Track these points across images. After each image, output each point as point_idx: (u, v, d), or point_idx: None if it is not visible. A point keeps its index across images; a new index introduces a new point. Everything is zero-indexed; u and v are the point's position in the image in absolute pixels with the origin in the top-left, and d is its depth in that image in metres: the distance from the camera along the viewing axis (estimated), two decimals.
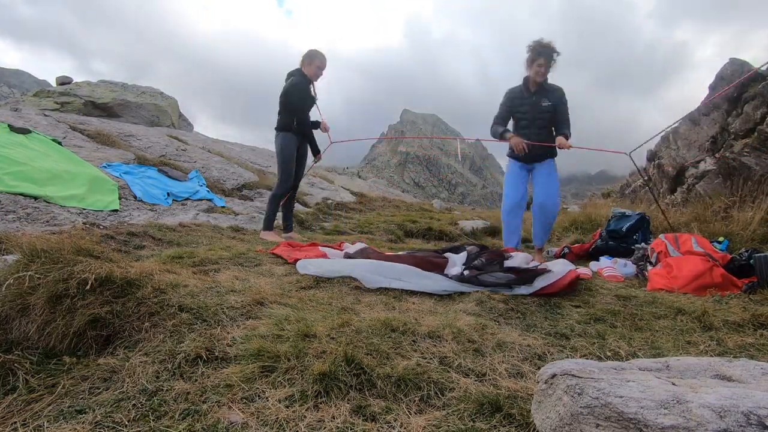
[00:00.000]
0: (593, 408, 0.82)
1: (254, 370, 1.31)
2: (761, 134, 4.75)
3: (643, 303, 2.33)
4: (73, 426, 1.07)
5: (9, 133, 4.74)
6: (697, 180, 5.75)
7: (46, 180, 4.05)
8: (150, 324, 1.57)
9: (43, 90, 12.43)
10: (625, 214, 4.35)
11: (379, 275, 2.45)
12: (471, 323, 1.81)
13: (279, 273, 2.66)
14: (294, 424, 1.08)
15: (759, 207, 4.09)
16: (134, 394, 1.20)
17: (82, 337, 1.49)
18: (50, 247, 1.72)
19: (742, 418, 0.73)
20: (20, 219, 3.24)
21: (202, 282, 2.11)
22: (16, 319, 1.51)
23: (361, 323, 1.70)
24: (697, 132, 6.12)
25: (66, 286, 1.56)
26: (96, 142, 6.93)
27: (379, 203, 9.48)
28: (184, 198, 5.52)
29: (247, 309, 1.83)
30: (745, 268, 2.91)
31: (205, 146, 9.65)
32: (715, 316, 2.03)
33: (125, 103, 12.38)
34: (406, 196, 14.22)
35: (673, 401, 0.79)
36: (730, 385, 0.89)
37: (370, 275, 2.44)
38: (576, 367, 0.96)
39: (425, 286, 2.39)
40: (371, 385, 1.26)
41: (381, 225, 5.97)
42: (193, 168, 7.09)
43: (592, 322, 1.98)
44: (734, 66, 5.73)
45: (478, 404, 1.18)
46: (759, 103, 5.04)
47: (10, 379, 1.30)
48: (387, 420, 1.12)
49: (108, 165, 5.67)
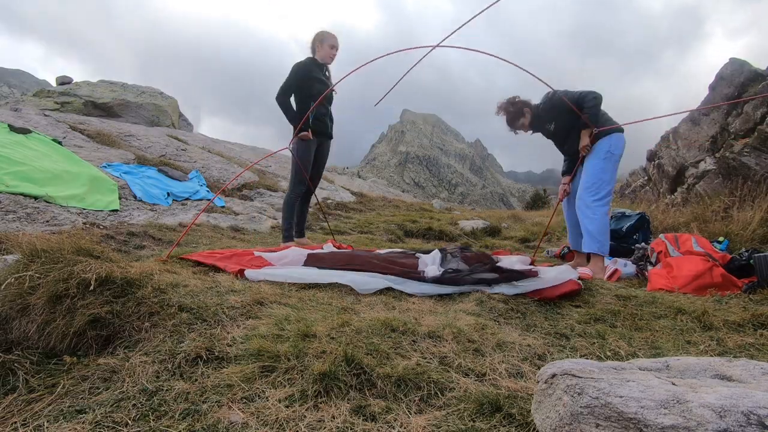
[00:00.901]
0: (593, 408, 0.82)
1: (254, 370, 1.31)
2: (761, 134, 4.75)
3: (643, 303, 2.33)
4: (73, 426, 1.07)
5: (9, 133, 4.74)
6: (697, 180, 5.75)
7: (46, 180, 4.05)
8: (150, 324, 1.57)
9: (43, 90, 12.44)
10: (625, 214, 4.36)
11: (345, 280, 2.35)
12: (471, 323, 1.81)
13: None
14: (294, 424, 1.08)
15: (759, 207, 4.09)
16: (134, 394, 1.20)
17: (82, 337, 1.49)
18: (50, 247, 1.72)
19: (742, 417, 0.73)
20: (20, 219, 3.24)
21: (202, 282, 2.11)
22: (16, 319, 1.51)
23: (361, 323, 1.70)
24: (697, 132, 6.12)
25: (66, 285, 1.56)
26: (96, 142, 6.93)
27: (379, 203, 9.48)
28: (184, 198, 5.52)
29: (247, 309, 1.83)
30: (745, 268, 2.91)
31: (205, 146, 9.66)
32: (715, 316, 2.03)
33: (125, 103, 12.38)
34: (406, 196, 14.23)
35: (673, 401, 0.79)
36: (730, 385, 0.89)
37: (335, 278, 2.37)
38: (576, 367, 0.96)
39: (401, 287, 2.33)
40: (371, 385, 1.26)
41: (381, 225, 5.97)
42: (193, 168, 7.09)
43: (592, 322, 1.98)
44: (734, 66, 5.73)
45: (478, 404, 1.18)
46: (759, 102, 5.04)
47: (10, 379, 1.30)
48: (387, 420, 1.12)
49: (108, 165, 5.67)
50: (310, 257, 2.80)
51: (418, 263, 2.85)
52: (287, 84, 3.72)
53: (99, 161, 5.69)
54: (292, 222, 3.87)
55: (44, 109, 9.52)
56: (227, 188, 6.51)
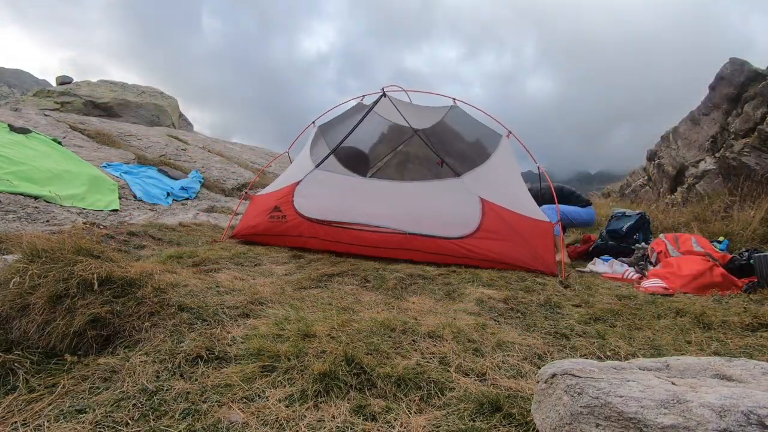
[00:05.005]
0: (593, 407, 0.82)
1: (254, 369, 1.31)
2: (761, 134, 4.75)
3: (643, 303, 2.33)
4: (73, 425, 1.07)
5: (9, 133, 4.74)
6: (697, 180, 5.75)
7: (46, 180, 4.05)
8: (150, 324, 1.57)
9: (43, 90, 12.43)
10: (625, 213, 4.35)
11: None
12: (471, 323, 1.81)
13: (279, 273, 2.66)
14: (294, 423, 1.08)
15: (759, 207, 4.09)
16: (134, 394, 1.20)
17: (82, 337, 1.49)
18: (50, 246, 1.72)
19: (742, 417, 0.73)
20: (20, 219, 3.24)
21: (202, 282, 2.11)
22: (17, 319, 1.50)
23: (361, 323, 1.70)
24: (697, 132, 6.12)
25: (66, 285, 1.56)
26: (96, 141, 6.93)
27: None
28: (184, 198, 5.53)
29: (248, 309, 1.83)
30: (745, 268, 2.91)
31: (205, 146, 9.65)
32: (715, 316, 2.03)
33: (125, 103, 12.38)
34: None
35: (673, 401, 0.79)
36: (730, 385, 0.89)
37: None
38: (576, 366, 0.96)
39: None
40: (371, 385, 1.26)
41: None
42: (193, 168, 7.09)
43: (592, 322, 1.98)
44: (734, 66, 5.73)
45: (478, 404, 1.18)
46: (759, 102, 5.04)
47: (10, 378, 1.30)
48: (387, 419, 1.12)
49: (108, 165, 5.67)
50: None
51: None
52: None
53: (99, 161, 5.69)
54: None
55: (44, 109, 9.52)
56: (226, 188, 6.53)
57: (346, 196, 3.45)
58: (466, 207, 3.25)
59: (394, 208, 3.33)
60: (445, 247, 3.11)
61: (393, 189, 3.71)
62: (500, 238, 3.11)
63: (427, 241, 3.14)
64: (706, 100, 6.07)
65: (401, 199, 3.46)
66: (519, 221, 3.21)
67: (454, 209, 3.28)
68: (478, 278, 2.67)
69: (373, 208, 3.34)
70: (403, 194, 3.57)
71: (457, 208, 3.27)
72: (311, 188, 3.52)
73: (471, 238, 3.11)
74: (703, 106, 6.14)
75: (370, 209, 3.33)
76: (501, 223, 3.17)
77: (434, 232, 3.15)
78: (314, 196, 3.46)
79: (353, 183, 3.70)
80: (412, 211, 3.29)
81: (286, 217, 3.42)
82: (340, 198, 3.43)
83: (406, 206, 3.35)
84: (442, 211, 3.28)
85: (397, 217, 3.25)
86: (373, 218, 3.27)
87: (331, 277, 2.57)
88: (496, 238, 3.11)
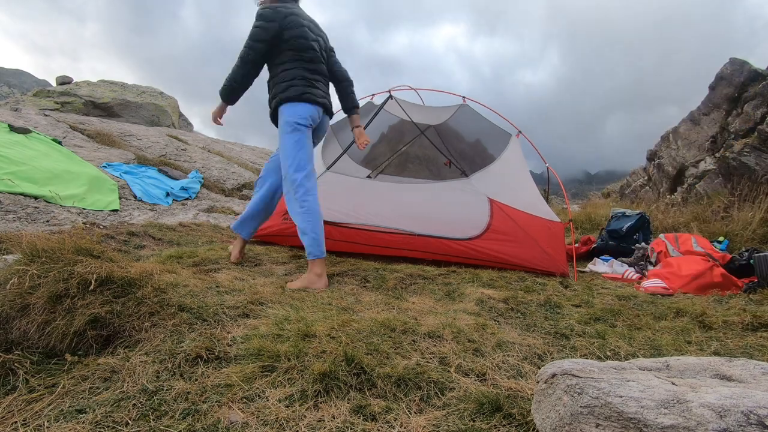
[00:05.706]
0: (593, 408, 0.82)
1: (254, 369, 1.31)
2: (761, 134, 4.75)
3: (643, 303, 2.33)
4: (73, 426, 1.07)
5: (9, 132, 4.74)
6: (697, 180, 5.75)
7: (46, 180, 4.04)
8: (150, 324, 1.57)
9: (43, 90, 12.43)
10: (625, 213, 4.36)
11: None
12: (471, 323, 1.81)
13: (279, 273, 2.66)
14: (294, 423, 1.08)
15: (759, 207, 4.09)
16: (134, 394, 1.20)
17: (82, 337, 1.49)
18: (50, 246, 1.72)
19: (742, 417, 0.73)
20: (20, 219, 3.24)
21: (202, 282, 2.11)
22: (16, 319, 1.50)
23: (361, 323, 1.70)
24: (697, 132, 6.12)
25: (66, 285, 1.56)
26: (96, 141, 6.93)
27: None
28: (184, 198, 5.53)
29: (247, 309, 1.83)
30: (745, 268, 2.92)
31: (205, 146, 9.65)
32: (715, 316, 2.03)
33: (125, 103, 12.37)
34: None
35: (673, 401, 0.79)
36: (730, 385, 0.89)
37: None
38: (576, 366, 0.96)
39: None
40: (371, 385, 1.26)
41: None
42: (193, 168, 7.09)
43: (592, 322, 1.98)
44: (734, 66, 5.73)
45: (478, 404, 1.18)
46: (759, 102, 5.04)
47: (10, 378, 1.30)
48: (387, 420, 1.12)
49: (108, 165, 5.67)
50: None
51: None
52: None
53: (99, 161, 5.69)
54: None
55: (44, 109, 9.52)
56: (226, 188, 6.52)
57: (354, 198, 3.45)
58: (475, 208, 3.24)
59: (402, 209, 3.32)
60: (453, 249, 3.10)
61: (401, 190, 3.71)
62: (510, 239, 3.09)
63: (434, 242, 3.13)
64: (706, 100, 6.08)
65: (409, 200, 3.46)
66: (529, 222, 3.19)
67: (462, 210, 3.26)
68: (478, 278, 2.67)
69: (381, 209, 3.33)
70: (410, 195, 3.57)
71: (465, 208, 3.26)
72: (320, 191, 3.52)
73: (480, 240, 3.09)
74: (703, 106, 6.14)
75: (379, 210, 3.32)
76: (510, 223, 3.15)
77: (442, 233, 3.14)
78: (323, 199, 3.47)
79: (361, 184, 3.70)
80: (419, 212, 3.28)
81: None
82: (348, 199, 3.43)
83: (414, 207, 3.35)
84: (450, 212, 3.27)
85: (405, 218, 3.24)
86: (381, 219, 3.26)
87: (331, 277, 2.57)
88: (506, 239, 3.09)
